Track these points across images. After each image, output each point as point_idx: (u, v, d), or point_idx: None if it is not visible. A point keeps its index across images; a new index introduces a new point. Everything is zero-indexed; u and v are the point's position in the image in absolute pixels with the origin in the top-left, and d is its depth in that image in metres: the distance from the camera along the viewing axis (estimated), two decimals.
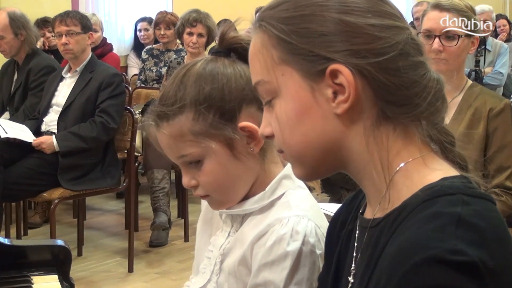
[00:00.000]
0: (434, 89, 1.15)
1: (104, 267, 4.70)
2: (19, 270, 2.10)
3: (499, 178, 2.81)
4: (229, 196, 1.65)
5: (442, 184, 1.07)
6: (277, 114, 1.16)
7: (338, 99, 1.10)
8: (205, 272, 1.74)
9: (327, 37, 1.10)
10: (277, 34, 1.13)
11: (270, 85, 1.15)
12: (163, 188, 5.08)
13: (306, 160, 1.18)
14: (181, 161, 1.62)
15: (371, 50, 1.09)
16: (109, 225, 5.73)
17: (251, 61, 1.20)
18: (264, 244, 1.56)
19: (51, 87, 4.71)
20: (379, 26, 1.11)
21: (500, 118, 2.84)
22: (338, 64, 1.08)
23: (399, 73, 1.11)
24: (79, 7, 7.38)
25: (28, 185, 4.27)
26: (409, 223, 1.03)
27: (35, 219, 5.46)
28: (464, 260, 0.94)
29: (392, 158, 1.13)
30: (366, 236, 1.17)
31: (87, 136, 4.39)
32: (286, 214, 1.57)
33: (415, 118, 1.13)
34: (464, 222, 0.99)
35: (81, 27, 4.53)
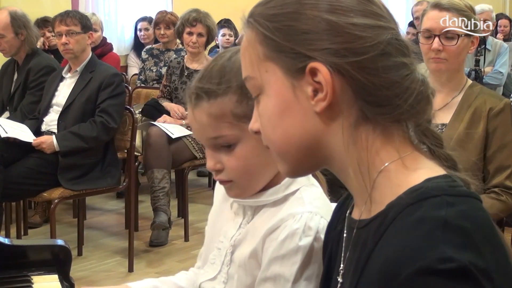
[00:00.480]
0: (417, 90, 1.14)
1: (104, 267, 4.70)
2: (19, 269, 2.10)
3: (499, 178, 2.82)
4: (252, 184, 1.64)
5: (426, 186, 1.07)
6: (261, 110, 1.18)
7: (317, 97, 1.10)
8: (214, 262, 1.75)
9: (308, 35, 1.10)
10: (262, 31, 1.14)
11: (256, 81, 1.17)
12: (163, 188, 5.07)
13: (288, 157, 1.18)
14: (212, 143, 1.61)
15: (351, 49, 1.09)
16: (109, 225, 5.74)
17: (241, 57, 1.22)
18: (276, 238, 1.56)
19: (51, 87, 4.71)
20: (361, 25, 1.11)
21: (500, 117, 2.84)
22: (317, 62, 1.09)
23: (379, 73, 1.10)
24: (79, 6, 7.39)
25: (28, 185, 4.27)
26: (395, 229, 1.04)
27: (35, 219, 5.46)
28: (454, 267, 0.94)
29: (372, 159, 1.13)
30: (353, 237, 1.18)
31: (87, 136, 4.39)
32: (300, 209, 1.57)
33: (395, 119, 1.13)
34: (450, 225, 0.99)
35: (81, 27, 4.54)
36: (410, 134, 1.16)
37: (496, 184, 2.82)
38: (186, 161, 5.19)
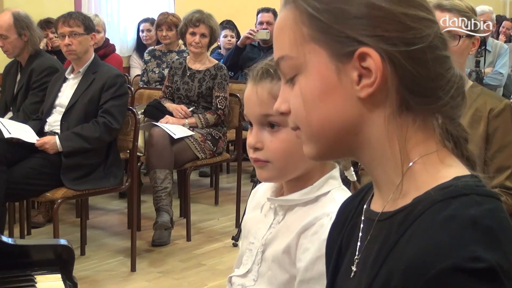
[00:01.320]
0: (457, 84, 1.15)
1: (106, 266, 4.70)
2: (22, 269, 2.10)
3: (499, 178, 2.81)
4: (287, 169, 1.69)
5: (456, 184, 1.07)
6: (301, 90, 1.15)
7: (363, 82, 1.09)
8: (246, 263, 1.79)
9: (360, 20, 1.09)
10: (310, 11, 1.12)
11: (296, 61, 1.14)
12: (165, 188, 5.08)
13: (322, 140, 1.17)
14: (262, 120, 1.67)
15: (402, 39, 1.09)
16: (112, 225, 5.74)
17: (277, 35, 1.19)
18: (312, 235, 1.61)
19: (54, 88, 4.72)
20: (412, 16, 1.10)
21: (500, 118, 2.84)
22: (369, 47, 1.08)
23: (427, 64, 1.10)
24: (81, 8, 7.39)
25: (32, 185, 4.27)
26: (424, 225, 1.04)
27: (38, 219, 5.47)
28: (483, 267, 0.95)
29: (410, 149, 1.12)
30: (374, 229, 1.17)
31: (90, 136, 4.39)
32: (333, 209, 1.57)
33: (436, 111, 1.13)
34: (479, 225, 0.99)
35: (84, 28, 4.54)
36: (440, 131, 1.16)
37: (496, 184, 2.82)
38: (188, 161, 5.20)
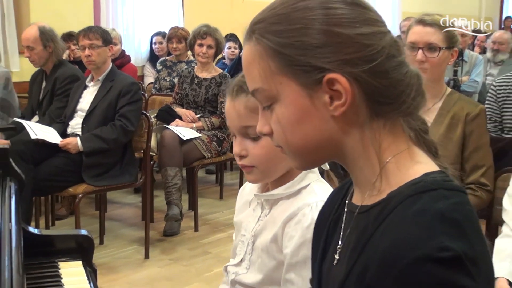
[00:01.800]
0: (416, 85, 1.14)
1: (123, 254, 4.70)
2: (47, 256, 2.11)
3: (474, 175, 2.82)
4: (270, 171, 1.71)
5: (425, 180, 1.07)
6: (278, 117, 1.13)
7: (335, 103, 1.08)
8: (239, 253, 1.81)
9: (321, 49, 1.07)
10: (273, 46, 1.10)
11: (270, 92, 1.12)
12: (175, 184, 5.08)
13: (305, 155, 1.17)
14: (243, 131, 1.68)
15: (362, 58, 1.07)
16: (128, 217, 5.73)
17: (247, 69, 1.16)
18: (296, 224, 1.63)
19: (76, 94, 4.72)
20: (366, 34, 1.09)
21: (476, 122, 2.84)
22: (334, 73, 1.06)
23: (388, 75, 1.09)
24: (100, 22, 7.38)
25: (56, 181, 4.27)
26: (397, 218, 1.04)
27: (62, 212, 5.47)
28: (450, 256, 0.95)
29: (383, 151, 1.12)
30: (354, 221, 1.17)
31: (108, 138, 4.40)
32: (314, 199, 1.65)
33: (402, 113, 1.13)
34: (447, 218, 1.00)
35: (102, 41, 4.54)
36: (409, 130, 1.16)
37: (472, 181, 2.83)
38: (196, 160, 5.20)
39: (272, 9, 1.13)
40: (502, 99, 3.91)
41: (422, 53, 2.82)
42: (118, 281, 4.13)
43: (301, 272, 1.62)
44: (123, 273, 4.33)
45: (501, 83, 3.98)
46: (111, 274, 4.26)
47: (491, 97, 3.98)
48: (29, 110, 5.18)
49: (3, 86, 5.16)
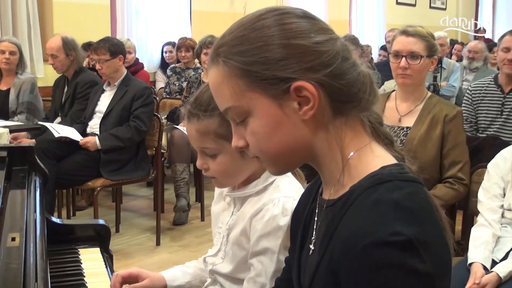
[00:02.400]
0: (369, 82, 1.14)
1: (136, 241, 4.70)
2: (68, 244, 2.11)
3: (452, 171, 2.82)
4: (229, 182, 1.72)
5: (382, 173, 1.08)
6: (253, 130, 1.12)
7: (304, 108, 1.08)
8: (217, 243, 1.81)
9: (284, 61, 1.06)
10: (240, 66, 1.08)
11: (242, 108, 1.11)
12: (183, 178, 5.08)
13: (282, 161, 1.16)
14: (200, 150, 1.67)
15: (321, 64, 1.07)
16: (141, 208, 5.73)
17: (216, 91, 1.14)
18: (260, 218, 1.62)
19: (94, 98, 4.72)
20: (322, 42, 1.09)
21: (453, 122, 2.84)
22: (300, 81, 1.06)
23: (345, 76, 1.10)
24: (116, 33, 7.38)
25: (76, 176, 4.28)
26: (357, 209, 1.04)
27: (82, 203, 5.47)
28: (402, 239, 0.96)
29: (345, 147, 1.12)
30: (323, 213, 1.17)
31: (123, 137, 4.40)
32: (277, 195, 1.63)
33: (360, 109, 1.13)
34: (400, 206, 1.00)
35: (109, 54, 4.51)
36: (367, 125, 1.15)
37: (450, 175, 2.82)
38: None
39: (232, 33, 1.12)
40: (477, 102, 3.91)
41: (405, 61, 2.82)
42: (132, 266, 4.09)
43: (261, 259, 1.62)
44: (137, 258, 4.33)
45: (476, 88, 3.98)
46: (126, 260, 4.26)
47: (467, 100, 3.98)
48: (53, 112, 5.18)
49: (30, 91, 5.16)
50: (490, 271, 2.37)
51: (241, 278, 1.72)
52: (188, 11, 8.39)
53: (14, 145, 2.19)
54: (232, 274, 1.74)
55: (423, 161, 2.79)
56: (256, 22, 1.10)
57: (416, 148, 2.80)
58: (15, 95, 5.14)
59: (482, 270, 2.36)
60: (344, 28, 10.85)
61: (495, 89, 3.86)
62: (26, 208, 1.72)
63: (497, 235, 2.51)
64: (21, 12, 6.37)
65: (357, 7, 11.69)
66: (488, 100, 3.88)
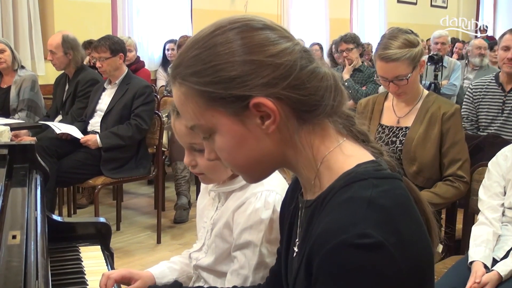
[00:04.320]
0: (334, 85, 1.11)
1: (137, 239, 4.71)
2: (69, 241, 2.11)
3: (452, 169, 2.81)
4: (217, 177, 1.74)
5: (357, 171, 1.06)
6: (219, 146, 1.11)
7: (266, 123, 1.06)
8: (201, 238, 1.84)
9: (239, 79, 1.04)
10: (195, 87, 1.07)
11: (205, 126, 1.10)
12: (184, 177, 5.09)
13: (253, 171, 1.16)
14: (188, 146, 1.69)
15: (278, 77, 1.05)
16: (142, 206, 5.74)
17: (180, 109, 1.13)
18: (243, 212, 1.65)
19: (95, 96, 4.72)
20: (276, 54, 1.06)
21: (452, 120, 2.83)
22: (257, 98, 1.04)
23: (305, 85, 1.07)
24: (117, 31, 7.37)
25: (77, 174, 4.28)
26: (331, 207, 1.03)
27: (82, 201, 5.48)
28: (370, 242, 0.94)
29: (316, 152, 1.11)
30: (303, 214, 1.17)
31: (124, 135, 4.40)
32: (259, 189, 1.66)
33: (326, 115, 1.11)
34: (373, 204, 0.99)
35: (110, 52, 4.51)
36: (338, 126, 1.14)
37: (450, 173, 2.82)
38: None
39: (186, 52, 1.10)
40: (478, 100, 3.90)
41: (393, 85, 2.76)
42: (133, 264, 4.14)
43: (244, 251, 1.66)
44: (138, 256, 4.34)
45: (477, 86, 3.98)
46: (126, 257, 4.27)
47: (468, 98, 3.98)
48: (54, 110, 5.18)
49: (30, 88, 5.16)
50: (491, 269, 2.37)
51: (222, 271, 1.75)
52: (189, 9, 8.39)
53: (15, 143, 2.19)
54: (213, 267, 1.77)
55: (423, 161, 2.78)
56: (209, 40, 1.08)
57: (416, 147, 2.79)
58: (16, 93, 5.15)
59: (482, 269, 2.36)
60: (345, 27, 10.84)
61: (496, 87, 3.85)
62: (27, 206, 1.72)
63: (498, 234, 2.50)
64: (22, 10, 6.37)
65: (358, 6, 11.68)
66: (489, 98, 3.88)
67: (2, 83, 5.26)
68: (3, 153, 2.11)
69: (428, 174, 2.81)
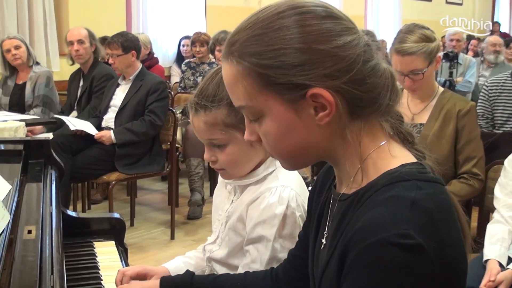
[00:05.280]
0: (391, 84, 1.10)
1: (151, 235, 4.72)
2: (84, 237, 2.12)
3: (467, 166, 2.80)
4: (238, 172, 1.72)
5: (401, 171, 1.05)
6: (266, 131, 1.09)
7: (320, 114, 1.04)
8: (215, 230, 1.84)
9: (301, 67, 1.01)
10: (254, 68, 1.03)
11: (256, 108, 1.07)
12: (198, 173, 5.10)
13: (294, 160, 1.14)
14: (208, 142, 1.67)
15: (340, 70, 1.02)
16: (155, 202, 5.75)
17: (230, 88, 1.10)
18: (257, 206, 1.65)
19: (109, 92, 4.74)
20: (341, 45, 1.03)
21: (467, 117, 2.82)
22: (317, 88, 1.02)
23: (365, 80, 1.05)
24: (131, 27, 7.40)
25: (91, 170, 4.30)
26: (371, 204, 1.02)
27: (97, 197, 5.50)
28: (411, 243, 0.93)
29: (363, 149, 1.09)
30: (336, 207, 1.15)
31: (138, 131, 4.41)
32: (274, 184, 1.66)
33: (379, 114, 1.10)
34: (417, 205, 0.97)
35: (122, 50, 4.52)
36: (387, 125, 1.12)
37: (465, 171, 2.81)
38: None
39: (247, 29, 1.06)
40: (494, 98, 3.88)
41: (409, 80, 2.75)
42: (147, 259, 4.15)
43: (256, 245, 1.65)
44: (151, 252, 4.35)
45: (492, 83, 3.96)
46: (140, 253, 4.28)
47: (483, 96, 3.96)
48: (68, 106, 5.21)
49: (45, 84, 5.19)
50: (506, 268, 2.36)
51: (235, 265, 1.75)
52: (203, 5, 8.40)
53: (30, 138, 2.20)
54: (226, 260, 1.77)
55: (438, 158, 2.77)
56: (274, 21, 1.04)
57: (430, 145, 2.78)
58: (31, 89, 5.18)
59: (497, 267, 2.35)
60: (359, 23, 10.80)
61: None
62: (42, 201, 1.73)
63: None
64: (37, 7, 6.41)
65: (373, 2, 11.64)
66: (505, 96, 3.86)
67: (17, 79, 5.29)
68: (18, 149, 2.13)
69: (442, 171, 2.80)
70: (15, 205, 1.64)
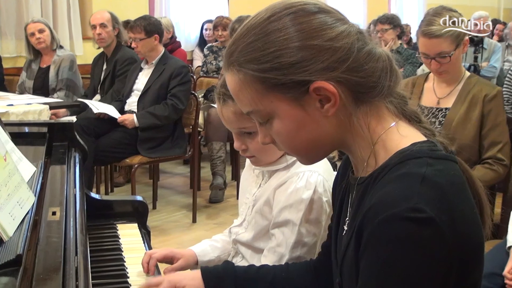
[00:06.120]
0: (389, 66, 1.12)
1: (173, 218, 4.75)
2: (107, 219, 2.13)
3: (492, 151, 2.77)
4: (268, 158, 1.74)
5: (412, 149, 1.07)
6: (277, 131, 1.13)
7: (326, 106, 1.08)
8: (242, 213, 1.86)
9: (299, 64, 1.05)
10: (254, 74, 1.07)
11: (264, 111, 1.11)
12: (220, 157, 5.10)
13: (310, 154, 1.18)
14: (238, 131, 1.69)
15: (337, 60, 1.06)
16: (178, 185, 5.78)
17: (236, 96, 1.14)
18: (284, 190, 1.67)
19: (132, 76, 4.76)
20: (335, 37, 1.06)
21: (493, 102, 2.78)
22: (318, 82, 1.05)
23: (363, 67, 1.08)
24: (154, 11, 7.40)
25: (114, 153, 4.33)
26: (384, 182, 1.04)
27: (120, 180, 5.54)
28: (422, 217, 0.95)
29: (372, 133, 1.12)
30: (355, 192, 1.18)
31: (161, 115, 4.43)
32: (302, 169, 1.68)
33: (382, 96, 1.12)
34: (427, 180, 0.99)
35: (144, 33, 4.54)
36: (392, 106, 1.14)
37: (489, 156, 2.78)
38: None
39: (242, 38, 1.10)
40: None
41: (435, 62, 2.72)
42: (169, 242, 4.17)
43: (282, 229, 1.67)
44: (173, 235, 4.38)
45: None
46: (162, 236, 4.31)
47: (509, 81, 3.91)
48: (91, 90, 5.24)
49: (69, 68, 5.23)
50: None
51: (260, 248, 1.77)
52: None
53: (54, 121, 2.22)
54: (252, 242, 1.79)
55: (462, 142, 2.74)
56: (266, 26, 1.08)
57: (455, 129, 2.75)
58: (55, 72, 5.21)
59: None
60: (383, 7, 10.70)
61: None
62: (66, 183, 1.74)
63: None
64: None
65: None
66: None
67: (41, 63, 5.33)
68: (43, 131, 2.14)
69: (466, 155, 2.77)
70: (40, 187, 1.65)
